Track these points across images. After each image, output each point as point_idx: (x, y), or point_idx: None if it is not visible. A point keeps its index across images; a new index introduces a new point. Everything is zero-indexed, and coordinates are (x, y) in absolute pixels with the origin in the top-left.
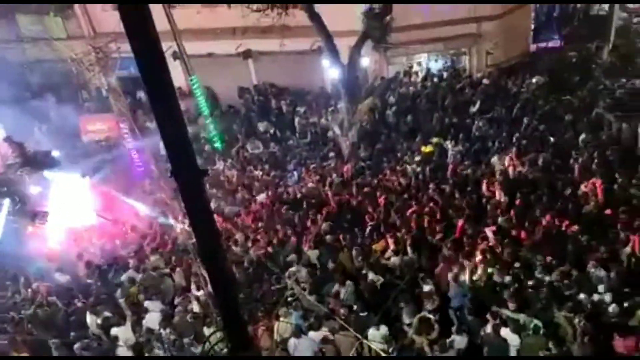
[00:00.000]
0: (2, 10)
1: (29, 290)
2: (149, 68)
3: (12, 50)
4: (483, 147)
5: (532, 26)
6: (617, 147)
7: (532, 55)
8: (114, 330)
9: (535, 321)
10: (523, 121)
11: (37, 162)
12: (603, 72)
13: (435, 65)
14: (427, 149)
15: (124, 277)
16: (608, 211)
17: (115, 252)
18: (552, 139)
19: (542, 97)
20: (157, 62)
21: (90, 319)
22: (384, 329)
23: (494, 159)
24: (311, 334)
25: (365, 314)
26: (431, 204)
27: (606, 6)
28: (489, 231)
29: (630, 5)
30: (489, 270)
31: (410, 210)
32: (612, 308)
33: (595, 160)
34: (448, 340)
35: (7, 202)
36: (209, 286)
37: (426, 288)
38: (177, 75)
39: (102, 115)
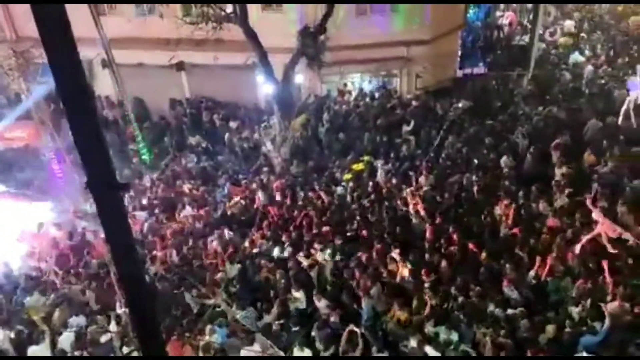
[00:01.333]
0: None
1: None
2: (63, 74)
3: None
4: (411, 166)
5: (459, 52)
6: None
7: (458, 80)
8: (31, 349)
9: (453, 335)
10: (447, 143)
11: None
12: (523, 99)
13: (368, 86)
14: (358, 166)
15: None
16: (515, 230)
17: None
18: (475, 161)
19: (467, 120)
20: (72, 69)
21: (1, 334)
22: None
23: (422, 179)
24: (243, 351)
25: (296, 329)
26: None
27: (527, 37)
28: (395, 254)
29: (548, 38)
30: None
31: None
32: (523, 323)
33: (506, 183)
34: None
35: None
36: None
37: None
38: (106, 84)
39: (21, 122)
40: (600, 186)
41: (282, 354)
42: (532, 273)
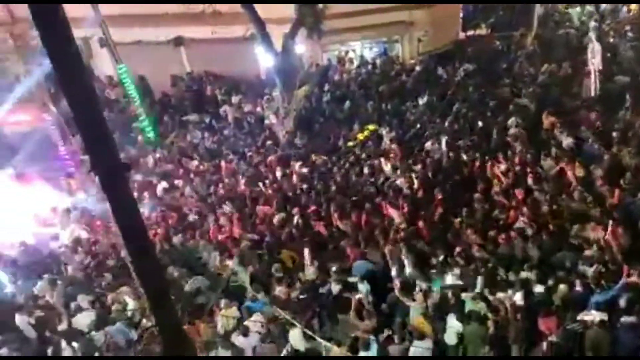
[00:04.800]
0: None
1: None
2: (59, 55)
3: None
4: (417, 133)
5: (462, 14)
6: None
7: (462, 42)
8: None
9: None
10: (454, 107)
11: None
12: (526, 59)
13: (369, 53)
14: (362, 135)
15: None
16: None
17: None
18: (480, 123)
19: (472, 84)
20: (68, 52)
21: (20, 319)
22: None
23: (428, 144)
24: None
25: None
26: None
27: None
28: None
29: None
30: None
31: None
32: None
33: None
34: None
35: None
36: None
37: None
38: (106, 63)
39: (23, 105)
40: None
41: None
42: None
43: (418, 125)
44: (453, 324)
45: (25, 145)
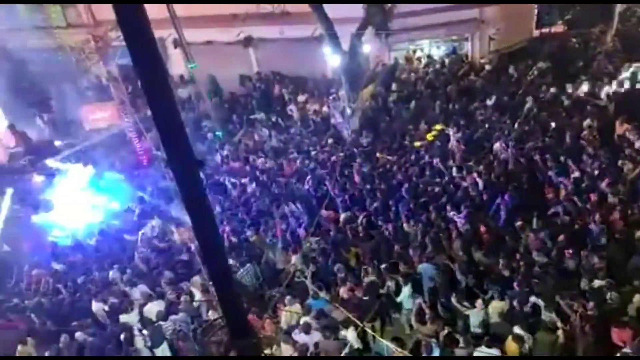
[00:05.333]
0: None
1: (31, 277)
2: (141, 57)
3: (12, 39)
4: (485, 134)
5: (536, 11)
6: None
7: (535, 40)
8: (122, 317)
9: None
10: (525, 107)
11: (39, 150)
12: (606, 57)
13: (437, 52)
14: (430, 135)
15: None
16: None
17: None
18: (553, 124)
19: (545, 82)
20: (150, 51)
21: (96, 306)
22: None
23: (497, 145)
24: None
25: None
26: None
27: None
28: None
29: None
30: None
31: None
32: (611, 295)
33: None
34: None
35: (10, 191)
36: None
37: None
38: (178, 63)
39: (103, 103)
40: None
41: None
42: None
43: (486, 126)
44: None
45: (103, 142)
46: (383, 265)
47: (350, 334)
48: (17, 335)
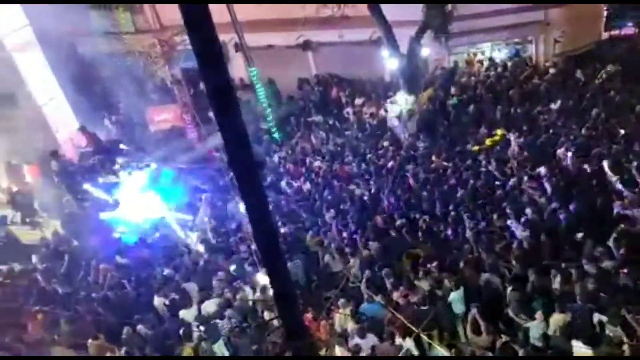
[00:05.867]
0: (74, 5)
1: (98, 271)
2: (207, 61)
3: (84, 44)
4: (548, 140)
5: (605, 13)
6: None
7: (604, 43)
8: (182, 313)
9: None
10: (592, 112)
11: (108, 151)
12: None
13: (499, 54)
14: (490, 141)
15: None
16: None
17: None
18: (622, 131)
19: (614, 87)
20: (214, 56)
21: (157, 301)
22: None
23: (560, 152)
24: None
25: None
26: None
27: None
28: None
29: None
30: None
31: None
32: None
33: None
34: None
35: (88, 187)
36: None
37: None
38: (239, 66)
39: (167, 106)
40: None
41: None
42: None
43: (550, 131)
44: (580, 349)
45: (165, 143)
46: (438, 272)
47: (408, 342)
48: (84, 327)
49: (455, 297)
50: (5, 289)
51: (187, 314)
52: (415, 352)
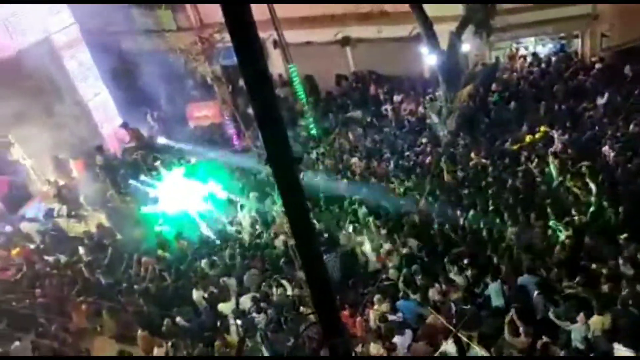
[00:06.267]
0: (118, 5)
1: (139, 264)
2: (247, 59)
3: (127, 41)
4: (593, 136)
5: None
6: None
7: None
8: (220, 306)
9: None
10: None
11: (150, 146)
12: None
13: (543, 50)
14: (530, 137)
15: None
16: None
17: None
18: None
19: None
20: (254, 53)
21: (196, 294)
22: None
23: (605, 149)
24: None
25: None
26: None
27: None
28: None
29: None
30: None
31: None
32: None
33: None
34: None
35: (131, 181)
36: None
37: None
38: (277, 63)
39: (206, 102)
40: None
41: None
42: None
43: (596, 128)
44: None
45: (205, 138)
46: (476, 270)
47: (449, 345)
48: (126, 318)
49: (493, 290)
50: (51, 279)
51: (225, 308)
52: (454, 353)
